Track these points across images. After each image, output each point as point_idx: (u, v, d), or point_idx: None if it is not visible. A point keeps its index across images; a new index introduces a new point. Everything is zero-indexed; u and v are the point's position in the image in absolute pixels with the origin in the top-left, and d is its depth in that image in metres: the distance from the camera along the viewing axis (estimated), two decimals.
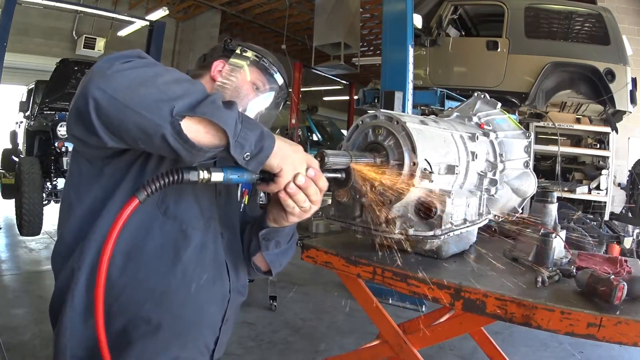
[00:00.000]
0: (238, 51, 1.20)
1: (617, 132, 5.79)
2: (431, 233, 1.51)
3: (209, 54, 1.23)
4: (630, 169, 4.95)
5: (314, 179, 0.87)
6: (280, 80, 1.25)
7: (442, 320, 1.96)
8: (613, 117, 5.63)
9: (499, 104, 2.12)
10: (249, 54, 1.22)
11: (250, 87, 1.19)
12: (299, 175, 0.83)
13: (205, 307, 1.04)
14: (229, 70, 1.18)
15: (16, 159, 6.23)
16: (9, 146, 7.10)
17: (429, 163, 1.47)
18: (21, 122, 6.56)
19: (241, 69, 1.19)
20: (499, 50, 5.54)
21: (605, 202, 5.80)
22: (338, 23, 6.99)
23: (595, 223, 4.62)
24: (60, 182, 5.49)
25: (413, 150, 1.46)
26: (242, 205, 1.24)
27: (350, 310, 3.56)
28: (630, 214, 4.80)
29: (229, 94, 1.14)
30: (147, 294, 0.94)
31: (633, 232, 4.92)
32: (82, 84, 0.74)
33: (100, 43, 10.13)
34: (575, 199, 5.77)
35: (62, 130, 5.25)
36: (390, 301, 3.64)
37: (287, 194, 0.84)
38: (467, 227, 1.68)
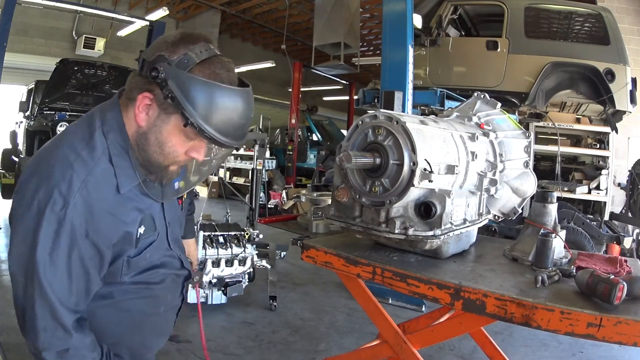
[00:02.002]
0: (165, 94, 0.89)
1: (617, 132, 5.79)
2: (431, 233, 1.51)
3: (145, 67, 0.92)
4: (630, 169, 4.95)
5: None
6: (219, 140, 0.92)
7: (442, 320, 1.96)
8: (613, 117, 5.63)
9: (499, 104, 2.12)
10: (177, 103, 0.88)
11: (180, 142, 0.95)
12: None
13: (170, 319, 1.18)
14: (153, 115, 0.93)
15: (16, 159, 6.23)
16: (9, 146, 7.10)
17: (428, 163, 1.47)
18: (21, 122, 6.56)
19: (168, 120, 0.93)
20: (498, 50, 5.54)
21: (605, 202, 5.80)
22: (338, 23, 6.99)
23: (595, 223, 4.64)
24: None
25: (413, 150, 1.46)
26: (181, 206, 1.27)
27: (350, 310, 3.56)
28: (630, 214, 4.80)
29: (151, 148, 0.95)
30: (126, 327, 1.05)
31: (633, 232, 4.93)
32: None
33: (100, 43, 10.12)
34: (575, 199, 5.77)
35: (62, 130, 5.25)
36: (390, 301, 3.64)
37: None
38: (467, 227, 1.68)
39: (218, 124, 0.89)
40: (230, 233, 3.39)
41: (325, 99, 15.72)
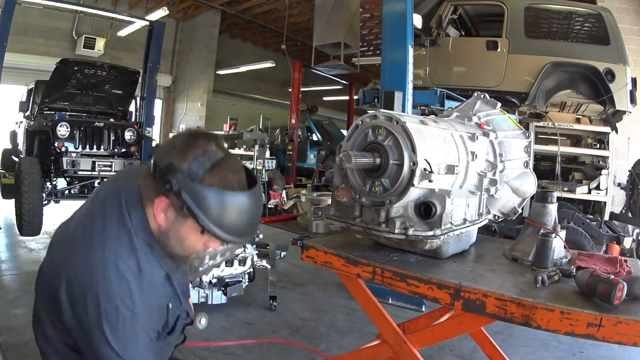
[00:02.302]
0: (180, 205, 0.98)
1: (617, 132, 5.79)
2: (431, 233, 1.51)
3: (158, 172, 0.99)
4: (630, 169, 4.95)
5: None
6: (233, 239, 1.02)
7: (442, 320, 1.96)
8: (613, 117, 5.63)
9: (499, 104, 2.12)
10: (191, 212, 0.97)
11: (197, 239, 1.03)
12: None
13: (169, 351, 1.25)
14: (171, 217, 1.02)
15: (16, 159, 6.22)
16: (9, 146, 7.09)
17: (428, 163, 1.47)
18: (21, 122, 6.55)
19: (184, 223, 1.01)
20: (498, 50, 5.54)
21: (605, 202, 5.80)
22: (338, 23, 6.98)
23: (595, 223, 4.64)
24: (60, 182, 5.49)
25: (413, 150, 1.46)
26: None
27: (350, 310, 3.56)
28: (630, 214, 4.80)
29: (172, 243, 1.05)
30: None
31: (633, 232, 4.93)
32: None
33: (100, 43, 10.13)
34: (575, 199, 5.77)
35: (61, 130, 5.25)
36: (390, 301, 3.64)
37: None
38: (467, 227, 1.68)
39: (230, 227, 0.99)
40: None
41: (325, 99, 15.72)
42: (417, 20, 5.10)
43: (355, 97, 6.99)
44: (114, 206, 1.06)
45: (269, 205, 8.21)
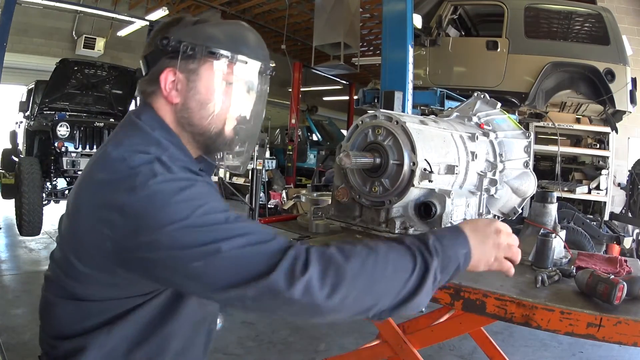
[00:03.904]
0: (184, 50, 0.87)
1: (617, 132, 5.79)
2: None
3: (151, 60, 0.90)
4: (630, 169, 4.95)
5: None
6: (255, 58, 0.93)
7: (442, 320, 1.96)
8: (613, 117, 5.63)
9: (499, 104, 2.12)
10: (200, 48, 0.87)
11: (221, 90, 0.90)
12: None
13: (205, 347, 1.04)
14: (184, 82, 0.88)
15: (16, 159, 6.23)
16: (9, 146, 7.10)
17: (428, 163, 1.47)
18: (21, 122, 6.56)
19: (199, 73, 0.89)
20: (498, 50, 5.54)
21: (605, 202, 5.80)
22: (338, 23, 6.99)
23: (595, 223, 4.64)
24: (60, 182, 5.49)
25: (413, 150, 1.46)
26: None
27: None
28: (630, 214, 4.80)
29: (197, 113, 0.90)
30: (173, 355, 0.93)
31: (633, 232, 4.93)
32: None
33: (100, 43, 10.13)
34: (575, 199, 5.77)
35: (61, 130, 5.25)
36: None
37: None
38: None
39: (244, 44, 0.91)
40: None
41: (325, 99, 15.73)
42: (417, 20, 5.10)
43: (355, 97, 6.99)
44: (130, 121, 0.93)
45: (269, 205, 8.21)
